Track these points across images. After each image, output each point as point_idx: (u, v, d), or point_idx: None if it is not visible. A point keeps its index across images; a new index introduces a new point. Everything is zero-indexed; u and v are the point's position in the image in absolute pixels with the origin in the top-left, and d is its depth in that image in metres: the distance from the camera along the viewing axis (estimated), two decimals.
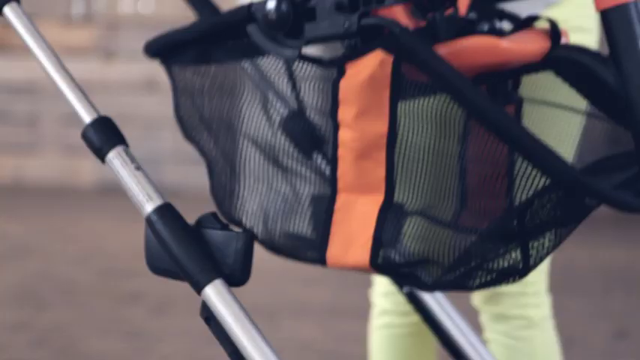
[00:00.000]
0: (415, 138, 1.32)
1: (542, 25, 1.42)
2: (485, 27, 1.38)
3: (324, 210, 1.38)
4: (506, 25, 1.43)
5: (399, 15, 1.33)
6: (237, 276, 1.37)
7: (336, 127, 1.35)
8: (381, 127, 1.32)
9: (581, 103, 1.40)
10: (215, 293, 1.36)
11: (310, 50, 1.52)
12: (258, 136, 1.45)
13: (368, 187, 1.34)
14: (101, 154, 1.44)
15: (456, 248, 1.30)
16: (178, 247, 1.37)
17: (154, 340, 3.54)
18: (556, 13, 1.68)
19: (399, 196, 1.33)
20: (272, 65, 1.42)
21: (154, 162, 6.28)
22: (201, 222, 1.40)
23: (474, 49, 1.32)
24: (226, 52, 1.45)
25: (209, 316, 1.36)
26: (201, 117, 1.51)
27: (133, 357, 3.36)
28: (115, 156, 1.43)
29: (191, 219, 1.38)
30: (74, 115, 1.46)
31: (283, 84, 1.41)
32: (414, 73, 1.30)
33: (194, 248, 1.37)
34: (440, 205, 1.32)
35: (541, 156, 1.23)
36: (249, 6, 1.37)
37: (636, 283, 4.20)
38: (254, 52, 1.41)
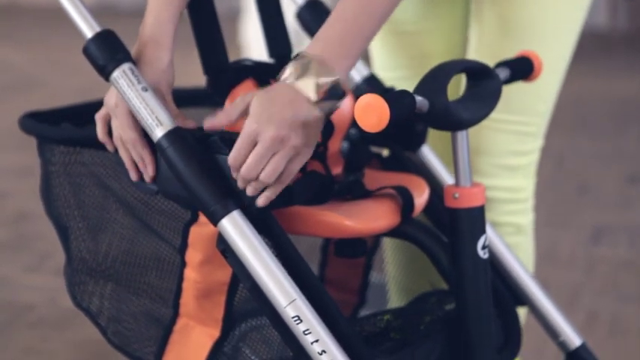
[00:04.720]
0: None
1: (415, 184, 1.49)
2: (349, 179, 1.45)
3: (164, 327, 1.43)
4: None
5: None
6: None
7: (183, 263, 1.38)
8: (224, 276, 1.37)
9: None
10: (232, 226, 1.29)
11: None
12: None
13: (206, 322, 1.40)
14: (105, 73, 1.35)
15: None
16: (192, 177, 1.30)
17: None
18: None
19: None
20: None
21: None
22: (214, 148, 1.32)
23: (320, 223, 1.38)
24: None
25: (226, 248, 1.30)
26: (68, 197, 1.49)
27: None
28: (120, 75, 1.34)
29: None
30: None
31: (140, 207, 1.42)
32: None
33: (209, 178, 1.30)
34: None
35: None
36: None
37: None
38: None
